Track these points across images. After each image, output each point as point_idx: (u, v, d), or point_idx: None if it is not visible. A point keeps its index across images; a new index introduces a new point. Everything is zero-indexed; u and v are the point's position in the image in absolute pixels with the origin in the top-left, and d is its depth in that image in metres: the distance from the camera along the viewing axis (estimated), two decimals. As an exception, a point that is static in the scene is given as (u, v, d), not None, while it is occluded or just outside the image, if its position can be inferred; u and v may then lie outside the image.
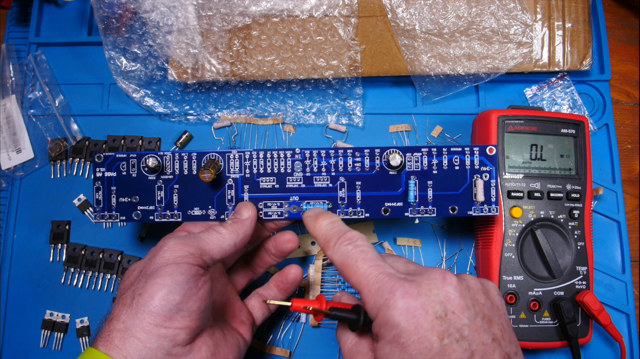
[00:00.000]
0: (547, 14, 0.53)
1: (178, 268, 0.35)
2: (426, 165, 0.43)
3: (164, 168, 0.44)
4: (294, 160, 0.43)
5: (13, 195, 0.54)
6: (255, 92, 0.55)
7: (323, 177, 0.43)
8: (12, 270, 0.53)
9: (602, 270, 0.51)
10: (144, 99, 0.55)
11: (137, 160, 0.44)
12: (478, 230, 0.49)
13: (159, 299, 0.34)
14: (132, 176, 0.44)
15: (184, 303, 0.34)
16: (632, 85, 0.59)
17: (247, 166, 0.44)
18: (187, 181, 0.44)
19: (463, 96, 0.56)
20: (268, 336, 0.51)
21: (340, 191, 0.43)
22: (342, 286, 0.51)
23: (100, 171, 0.44)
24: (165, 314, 0.33)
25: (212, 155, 0.44)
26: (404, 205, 0.43)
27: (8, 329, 0.51)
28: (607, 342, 0.50)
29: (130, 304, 0.34)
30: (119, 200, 0.44)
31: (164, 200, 0.44)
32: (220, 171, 0.44)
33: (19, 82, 0.56)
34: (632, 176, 0.56)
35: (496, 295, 0.35)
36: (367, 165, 0.43)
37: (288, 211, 0.43)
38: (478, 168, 0.43)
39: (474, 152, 0.43)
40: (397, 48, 0.52)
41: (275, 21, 0.52)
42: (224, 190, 0.44)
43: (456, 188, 0.43)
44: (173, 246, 0.36)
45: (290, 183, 0.44)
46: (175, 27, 0.51)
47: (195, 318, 0.35)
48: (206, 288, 0.36)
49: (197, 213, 0.44)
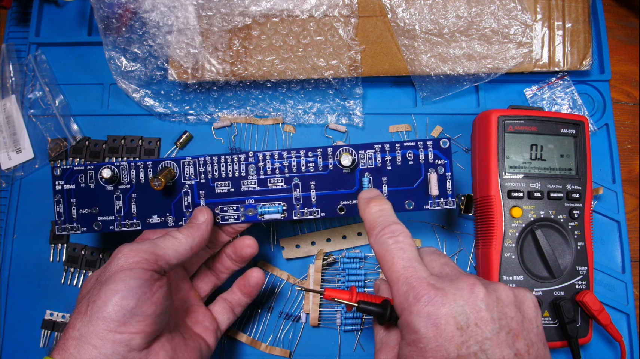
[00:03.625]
0: (547, 14, 0.53)
1: (131, 274, 0.35)
2: (380, 162, 0.43)
3: (120, 179, 0.44)
4: (248, 163, 0.44)
5: (13, 195, 0.54)
6: (255, 92, 0.55)
7: (277, 178, 0.44)
8: (12, 270, 0.53)
9: (602, 270, 0.51)
10: (144, 99, 0.55)
11: (95, 171, 0.45)
12: (478, 230, 0.49)
13: (112, 305, 0.34)
14: (90, 187, 0.45)
15: (138, 308, 0.35)
16: (632, 85, 0.59)
17: (202, 172, 0.44)
18: (144, 190, 0.44)
19: (463, 96, 0.56)
20: (268, 336, 0.51)
21: (295, 192, 0.44)
22: (342, 286, 0.51)
23: (59, 184, 0.45)
24: (119, 320, 0.34)
25: (167, 163, 0.44)
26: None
27: (8, 329, 0.51)
28: (607, 342, 0.50)
29: (85, 312, 0.35)
30: (80, 211, 0.45)
31: (123, 210, 0.45)
32: (175, 178, 0.44)
33: (19, 82, 0.56)
34: (632, 176, 0.56)
35: (531, 308, 0.34)
36: (320, 164, 0.43)
37: (245, 215, 0.44)
38: (432, 161, 0.43)
39: (427, 145, 0.43)
40: (397, 48, 0.52)
41: (275, 21, 0.52)
42: (181, 196, 0.44)
43: (411, 183, 0.43)
44: (127, 253, 0.37)
45: (245, 187, 0.44)
46: (175, 27, 0.51)
47: (150, 323, 0.35)
48: (161, 293, 0.37)
49: (155, 220, 0.44)
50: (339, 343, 0.51)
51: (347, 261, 0.51)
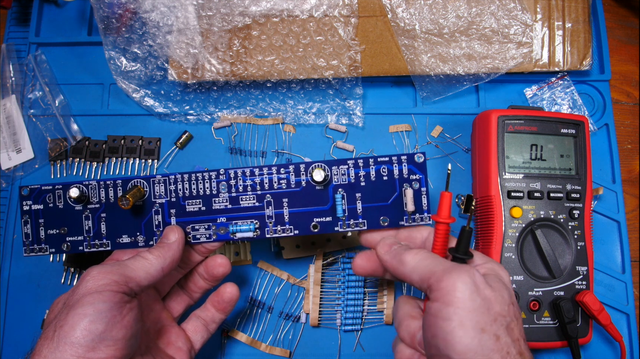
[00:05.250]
0: (547, 14, 0.53)
1: (100, 296, 0.34)
2: (353, 178, 0.42)
3: (89, 198, 0.43)
4: (219, 181, 0.43)
5: (13, 195, 0.54)
6: (255, 92, 0.55)
7: (249, 196, 0.43)
8: (12, 270, 0.53)
9: (602, 270, 0.51)
10: (144, 99, 0.55)
11: (63, 191, 0.44)
12: (478, 230, 0.49)
13: (80, 330, 0.33)
14: (59, 207, 0.44)
15: (107, 332, 0.33)
16: (632, 85, 0.59)
17: (173, 190, 0.43)
18: (114, 209, 0.43)
19: (463, 96, 0.56)
20: (268, 336, 0.51)
21: (267, 209, 0.42)
22: (342, 286, 0.51)
23: (27, 204, 0.44)
24: (88, 345, 0.33)
25: (136, 182, 0.43)
26: (333, 220, 0.42)
27: (8, 329, 0.51)
28: (607, 342, 0.50)
29: (52, 337, 0.33)
30: (48, 232, 0.44)
31: (92, 230, 0.43)
32: (145, 197, 0.43)
33: (19, 82, 0.56)
34: (632, 176, 0.56)
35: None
36: (292, 181, 0.42)
37: (216, 233, 0.43)
38: (407, 177, 0.42)
39: (402, 160, 0.42)
40: (397, 48, 0.52)
41: (275, 21, 0.52)
42: (151, 215, 0.43)
43: (386, 199, 0.42)
44: (96, 275, 0.35)
45: (216, 205, 0.43)
46: (175, 27, 0.51)
47: (120, 347, 0.34)
48: (132, 315, 0.36)
49: (125, 240, 0.43)
50: (339, 343, 0.51)
51: (347, 261, 0.51)
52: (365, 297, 0.51)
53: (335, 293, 0.51)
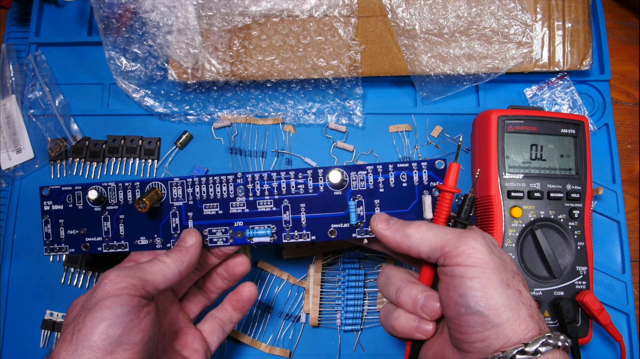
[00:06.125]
0: (547, 14, 0.53)
1: (118, 300, 0.34)
2: (372, 184, 0.41)
3: (107, 199, 0.44)
4: (237, 184, 0.42)
5: (13, 195, 0.54)
6: (255, 92, 0.55)
7: (266, 200, 0.42)
8: (12, 270, 0.53)
9: (602, 270, 0.51)
10: (144, 99, 0.55)
11: (83, 192, 0.44)
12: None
13: (98, 334, 0.33)
14: (78, 208, 0.44)
15: (125, 336, 0.34)
16: (632, 85, 0.59)
17: (190, 193, 0.43)
18: (132, 211, 0.44)
19: (463, 96, 0.56)
20: (268, 336, 0.51)
21: (284, 214, 0.42)
22: (342, 286, 0.51)
23: (47, 204, 0.44)
24: (106, 349, 0.33)
25: (154, 184, 0.43)
26: (351, 226, 0.41)
27: (8, 329, 0.51)
28: (607, 342, 0.50)
29: (70, 340, 0.33)
30: (68, 232, 0.44)
31: (111, 231, 0.44)
32: (163, 199, 0.43)
33: (19, 82, 0.56)
34: (632, 176, 0.56)
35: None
36: (310, 186, 0.42)
37: (233, 237, 0.43)
38: (427, 183, 0.41)
39: (422, 167, 0.41)
40: (397, 48, 0.52)
41: (275, 21, 0.52)
42: (169, 218, 0.43)
43: (405, 206, 0.41)
44: (114, 279, 0.36)
45: (233, 209, 0.43)
46: (175, 27, 0.51)
47: (138, 351, 0.34)
48: (149, 319, 0.36)
49: (143, 242, 0.44)
50: (339, 343, 0.51)
51: (348, 261, 0.51)
52: (365, 297, 0.51)
53: (335, 293, 0.51)
